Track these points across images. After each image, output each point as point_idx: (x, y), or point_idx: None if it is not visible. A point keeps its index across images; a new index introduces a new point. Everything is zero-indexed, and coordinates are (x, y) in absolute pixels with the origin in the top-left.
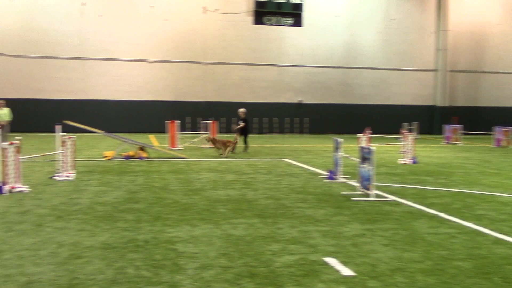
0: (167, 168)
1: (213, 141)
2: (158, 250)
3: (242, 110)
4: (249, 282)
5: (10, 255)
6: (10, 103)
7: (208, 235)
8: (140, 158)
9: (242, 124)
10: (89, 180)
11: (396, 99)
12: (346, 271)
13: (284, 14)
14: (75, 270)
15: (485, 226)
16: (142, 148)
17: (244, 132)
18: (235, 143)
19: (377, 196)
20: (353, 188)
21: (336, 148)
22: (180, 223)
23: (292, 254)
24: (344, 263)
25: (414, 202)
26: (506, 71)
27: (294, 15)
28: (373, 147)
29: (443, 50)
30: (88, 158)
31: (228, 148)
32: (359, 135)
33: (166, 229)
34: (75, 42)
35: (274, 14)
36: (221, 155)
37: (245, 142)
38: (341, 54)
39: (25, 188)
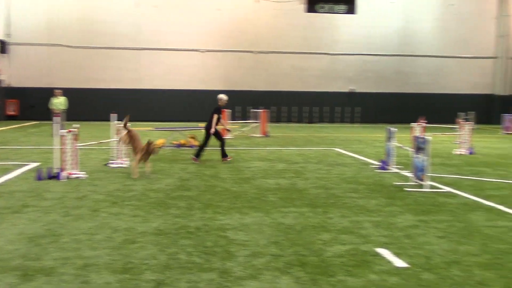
0: (217, 157)
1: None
2: (209, 237)
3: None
4: (300, 270)
5: (68, 238)
6: (67, 92)
7: (259, 223)
8: (191, 146)
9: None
10: (142, 167)
11: (453, 88)
12: (399, 263)
13: (337, 1)
14: (130, 254)
15: None
16: (193, 137)
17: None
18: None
19: (432, 187)
20: (406, 178)
21: (389, 138)
22: (230, 211)
23: (343, 244)
24: (397, 254)
25: (470, 194)
26: None
27: (348, 2)
28: (428, 137)
29: (505, 36)
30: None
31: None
32: (413, 124)
33: (217, 216)
34: (130, 32)
35: (327, 1)
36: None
37: (205, 144)
38: (396, 41)
39: (82, 174)
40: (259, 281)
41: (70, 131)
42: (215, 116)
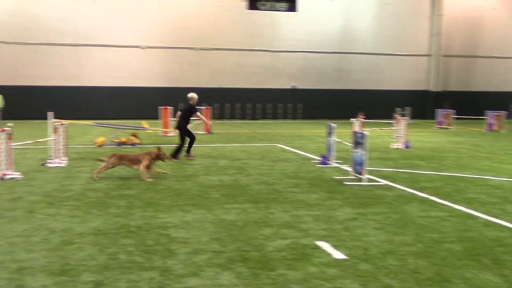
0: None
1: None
2: (150, 235)
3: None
4: (241, 266)
5: (2, 242)
6: (2, 90)
7: (201, 220)
8: (132, 144)
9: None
10: (81, 166)
11: (390, 84)
12: (337, 255)
13: None
14: (67, 256)
15: (475, 209)
16: (134, 134)
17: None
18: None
19: (370, 180)
20: (345, 172)
21: (329, 133)
22: (172, 208)
23: (284, 238)
24: (336, 246)
25: (406, 186)
26: (500, 55)
27: (289, 0)
28: (366, 132)
29: (437, 35)
30: (81, 144)
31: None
32: (352, 120)
33: (159, 214)
34: (68, 28)
35: None
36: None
37: (193, 138)
38: (336, 39)
39: (17, 175)
40: (200, 278)
41: (3, 130)
42: (198, 113)
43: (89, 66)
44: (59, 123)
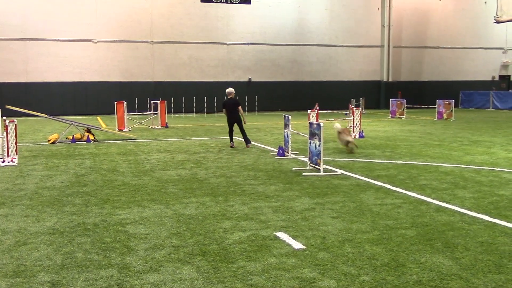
0: (115, 150)
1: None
2: (107, 232)
3: (231, 90)
4: (201, 260)
5: None
6: None
7: (159, 215)
8: (87, 140)
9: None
10: (34, 164)
11: (344, 75)
12: (296, 245)
13: None
14: (21, 257)
15: (428, 195)
16: (89, 130)
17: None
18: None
19: (326, 170)
20: (303, 163)
21: (286, 125)
22: (130, 204)
23: (243, 230)
24: (295, 236)
25: (361, 175)
26: (447, 46)
27: None
28: (322, 122)
29: (388, 26)
30: (33, 142)
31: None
32: (309, 111)
33: (116, 211)
34: (16, 22)
35: None
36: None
37: (243, 130)
38: (290, 31)
39: None
40: (160, 273)
41: None
42: (240, 108)
43: (38, 61)
44: (8, 120)
